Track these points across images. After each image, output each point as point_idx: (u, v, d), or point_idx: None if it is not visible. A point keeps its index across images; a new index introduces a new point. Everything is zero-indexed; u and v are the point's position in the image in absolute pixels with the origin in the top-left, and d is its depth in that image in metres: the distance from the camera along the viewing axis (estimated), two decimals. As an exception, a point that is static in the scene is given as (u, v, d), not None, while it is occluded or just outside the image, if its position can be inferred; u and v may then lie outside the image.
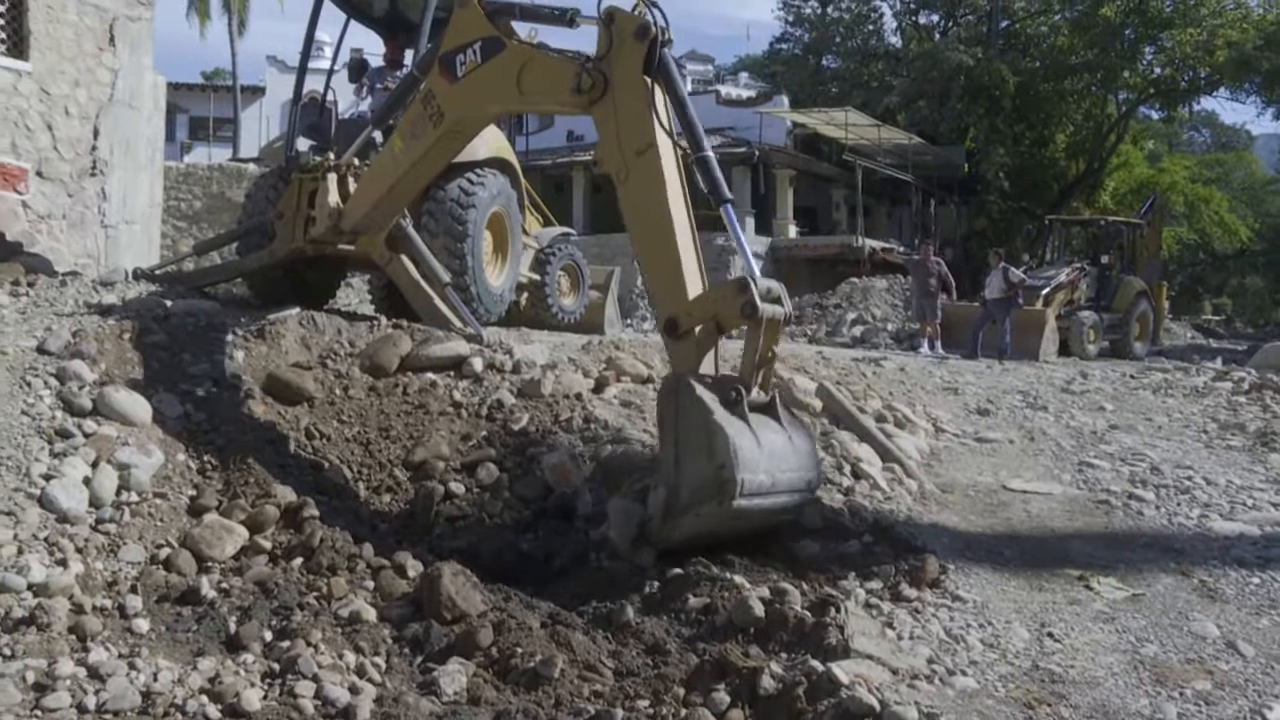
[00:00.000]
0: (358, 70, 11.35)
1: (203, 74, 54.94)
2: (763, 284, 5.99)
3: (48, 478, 5.91)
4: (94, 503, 5.96)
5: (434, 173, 8.84)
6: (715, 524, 5.82)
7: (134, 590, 5.44)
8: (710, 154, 6.39)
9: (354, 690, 4.60)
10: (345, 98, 11.45)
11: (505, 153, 11.03)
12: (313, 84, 11.18)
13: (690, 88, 48.41)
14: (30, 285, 8.94)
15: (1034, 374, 14.64)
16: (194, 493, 6.45)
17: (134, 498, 6.15)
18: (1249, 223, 47.58)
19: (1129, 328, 22.32)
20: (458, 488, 6.90)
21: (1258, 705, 4.69)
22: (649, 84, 6.46)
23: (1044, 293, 20.63)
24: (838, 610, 5.14)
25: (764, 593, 5.35)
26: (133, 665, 4.63)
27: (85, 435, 6.38)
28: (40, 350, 7.14)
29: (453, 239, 9.90)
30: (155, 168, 13.99)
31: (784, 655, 4.88)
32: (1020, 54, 37.49)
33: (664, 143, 6.45)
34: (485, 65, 7.41)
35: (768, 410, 6.10)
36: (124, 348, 7.56)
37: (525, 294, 11.83)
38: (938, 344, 18.99)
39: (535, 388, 8.05)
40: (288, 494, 6.48)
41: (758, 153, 32.20)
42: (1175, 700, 4.72)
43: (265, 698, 4.53)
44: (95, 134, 12.33)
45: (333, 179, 9.46)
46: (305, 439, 7.34)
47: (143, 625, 5.11)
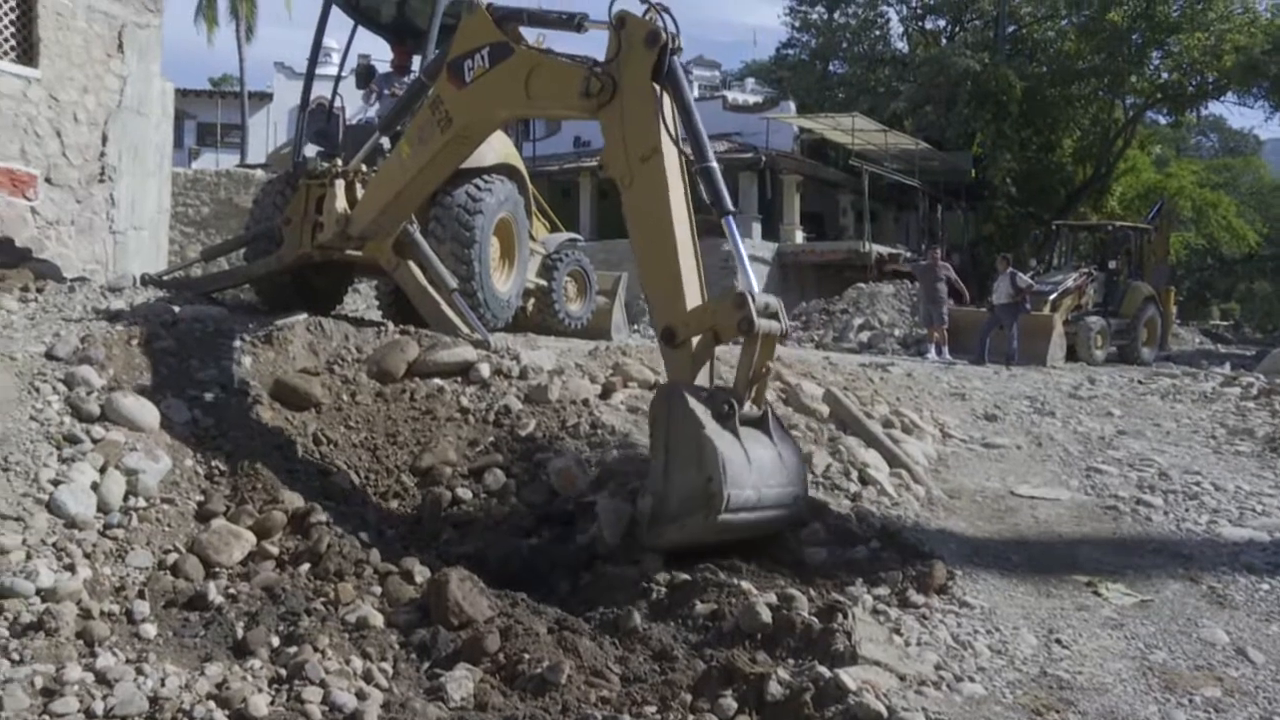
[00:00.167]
0: (365, 76, 11.38)
1: (210, 80, 55.09)
2: (760, 299, 5.99)
3: (56, 483, 5.92)
4: (102, 508, 5.97)
5: (441, 178, 8.86)
6: (700, 535, 5.84)
7: (141, 596, 5.44)
8: (714, 165, 6.38)
9: (361, 696, 4.59)
10: (353, 104, 11.48)
11: (512, 159, 11.04)
12: (320, 90, 11.20)
13: (697, 93, 48.50)
14: (39, 291, 8.97)
15: (1041, 379, 14.61)
16: (201, 498, 6.46)
17: (142, 503, 6.16)
18: (1257, 227, 47.59)
19: (1137, 333, 22.29)
20: (465, 493, 6.90)
21: (1268, 712, 4.68)
22: (657, 90, 6.46)
23: (1051, 298, 20.59)
24: (845, 616, 5.13)
25: (771, 599, 5.34)
26: (140, 670, 4.62)
27: (93, 441, 6.39)
28: (49, 356, 7.15)
29: (460, 245, 9.91)
30: (163, 174, 14.03)
31: (791, 661, 4.86)
32: (1027, 59, 37.49)
33: (669, 150, 6.44)
34: (493, 70, 7.42)
35: (759, 424, 6.13)
36: (132, 353, 7.57)
37: (532, 300, 11.84)
38: (945, 349, 18.99)
39: (542, 393, 8.05)
40: (295, 499, 6.49)
41: (764, 158, 32.14)
42: (1184, 707, 4.71)
43: (272, 703, 4.52)
44: (104, 140, 12.38)
45: (340, 185, 9.49)
46: (313, 445, 7.35)
47: (150, 630, 5.10)
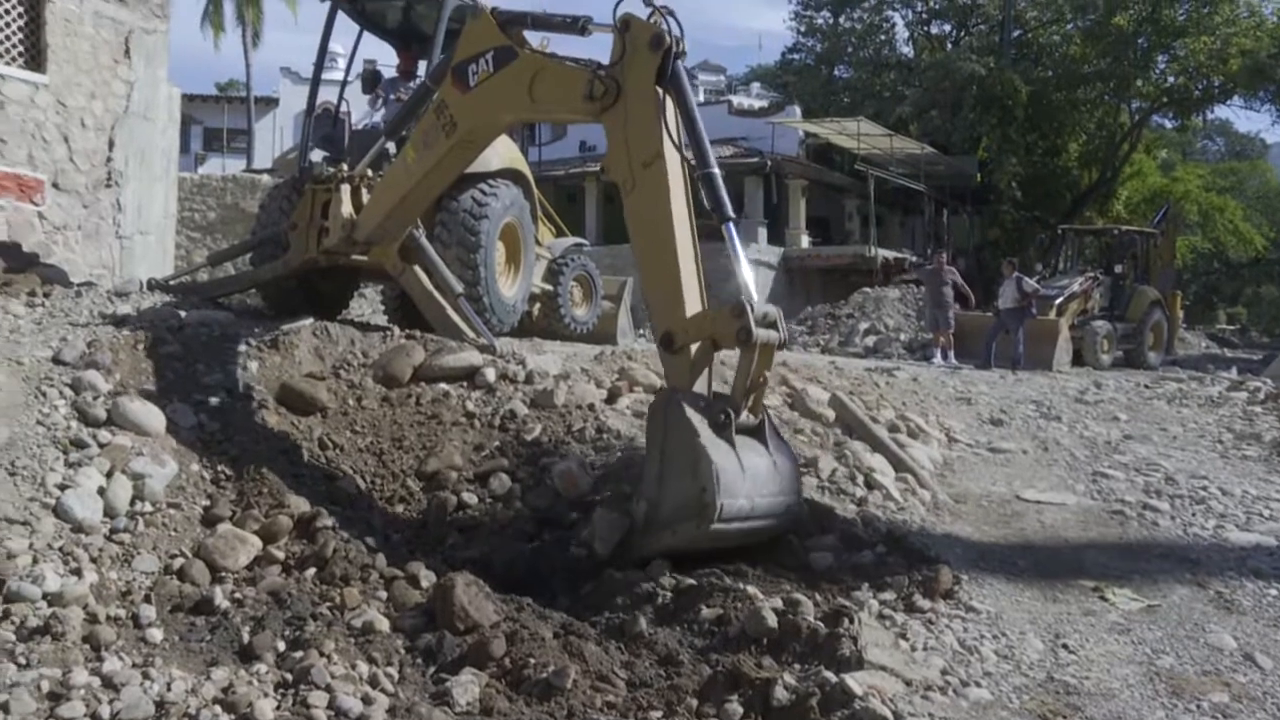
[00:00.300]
0: (371, 81, 11.40)
1: (217, 85, 55.21)
2: (759, 309, 5.99)
3: (62, 487, 5.94)
4: (108, 512, 5.98)
5: (446, 183, 8.87)
6: (692, 542, 5.85)
7: (148, 600, 5.45)
8: (716, 171, 6.37)
9: (367, 700, 4.59)
10: (359, 109, 11.49)
11: (518, 163, 11.05)
12: (326, 95, 11.23)
13: (702, 98, 48.51)
14: (46, 296, 9.00)
15: (1047, 384, 14.60)
16: (208, 503, 6.47)
17: (148, 508, 6.17)
18: (1264, 231, 47.54)
19: (1143, 337, 22.25)
20: (470, 498, 6.90)
21: (1276, 718, 4.67)
22: (660, 95, 6.46)
23: (1057, 302, 20.58)
24: (851, 621, 5.12)
25: (777, 603, 5.33)
26: (146, 675, 4.63)
27: (100, 445, 6.41)
28: (55, 360, 7.17)
29: (466, 249, 9.91)
30: (170, 179, 14.06)
31: (797, 666, 4.86)
32: (1033, 63, 37.43)
33: (671, 156, 6.43)
34: (498, 74, 7.43)
35: (756, 432, 6.14)
36: (138, 358, 7.59)
37: (538, 304, 11.84)
38: (951, 354, 18.97)
39: (548, 398, 8.05)
40: (301, 504, 6.49)
41: (770, 163, 32.21)
42: (1192, 713, 4.69)
43: (278, 708, 4.52)
44: (110, 146, 12.41)
45: (346, 190, 9.50)
46: (318, 449, 7.35)
47: (156, 635, 5.11)
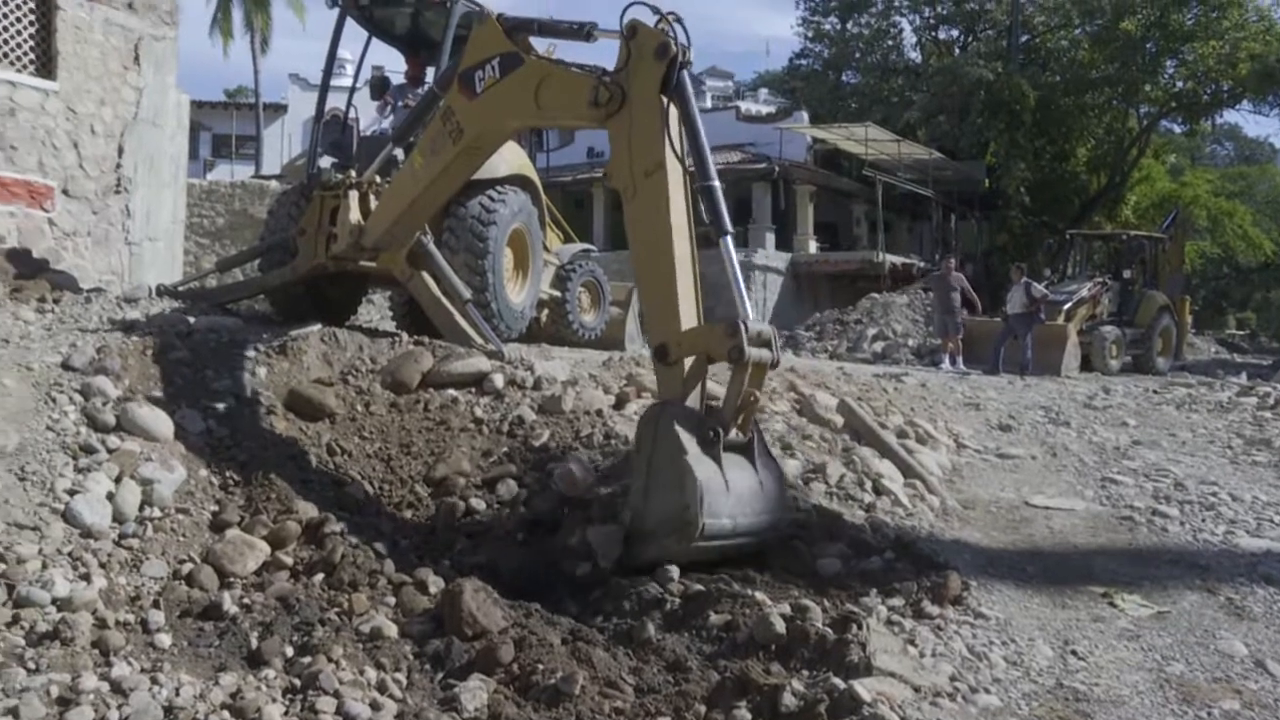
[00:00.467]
0: (380, 88, 11.42)
1: (225, 92, 55.42)
2: (754, 327, 6.00)
3: (72, 493, 5.95)
4: (117, 518, 6.00)
5: (454, 189, 8.88)
6: (673, 557, 5.88)
7: (156, 605, 5.46)
8: (716, 184, 6.38)
9: (375, 706, 4.60)
10: (367, 115, 11.52)
11: (526, 170, 11.07)
12: (335, 101, 11.25)
13: (710, 104, 48.55)
14: (56, 302, 9.02)
15: (1056, 389, 14.58)
16: (216, 508, 6.48)
17: (157, 513, 6.18)
18: (1273, 236, 47.31)
19: (1152, 343, 22.20)
20: (478, 504, 6.89)
21: (1288, 725, 4.65)
22: (664, 103, 6.47)
23: (1066, 308, 20.55)
24: (859, 627, 5.11)
25: (785, 609, 5.33)
26: (155, 680, 4.63)
27: (109, 451, 6.42)
28: (65, 366, 7.19)
29: (474, 256, 9.93)
30: (178, 185, 14.09)
31: (806, 673, 4.85)
32: (1040, 68, 37.39)
33: (673, 167, 6.44)
34: (504, 81, 7.45)
35: (744, 450, 6.15)
36: (147, 364, 7.61)
37: (546, 310, 11.85)
38: (959, 359, 18.96)
39: (556, 404, 8.05)
40: (309, 510, 6.50)
41: (778, 169, 32.21)
42: None
43: (286, 713, 4.53)
44: (120, 152, 12.44)
45: (354, 196, 9.52)
46: (327, 455, 7.36)
47: (165, 640, 5.12)
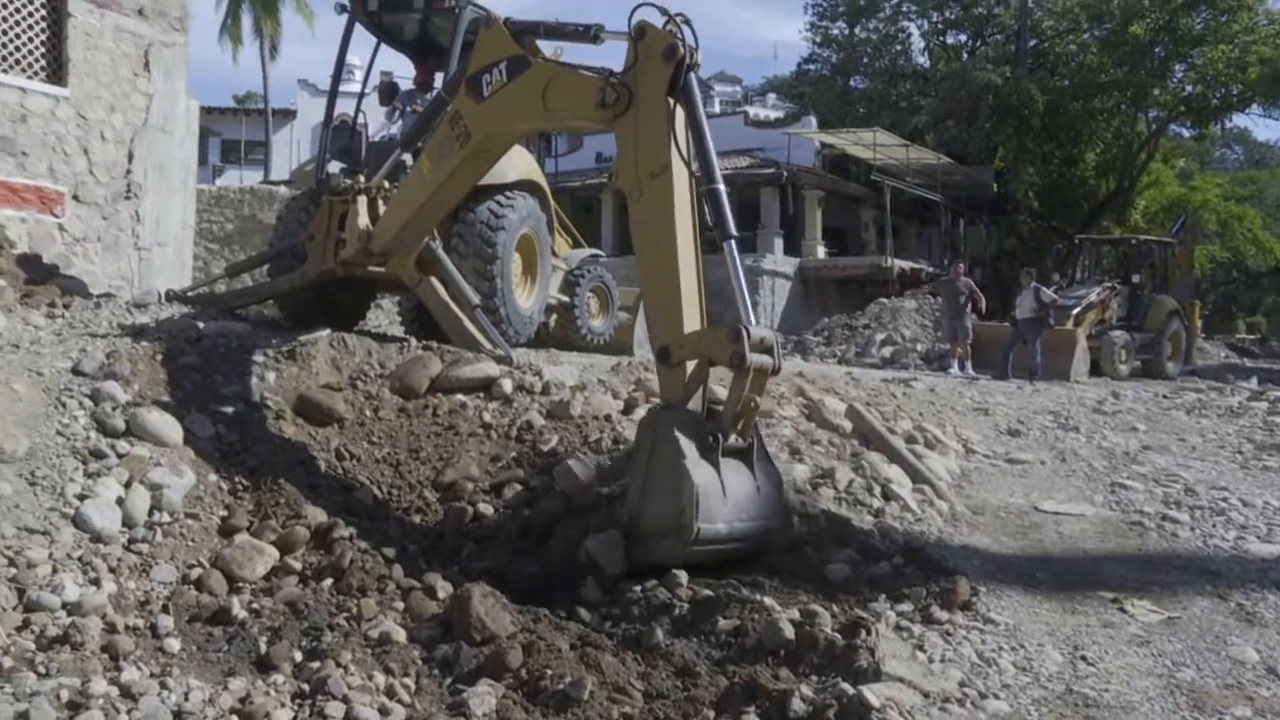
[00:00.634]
0: (388, 93, 11.44)
1: (235, 97, 55.63)
2: (756, 333, 6.00)
3: (82, 497, 5.97)
4: (127, 523, 6.02)
5: (462, 193, 8.89)
6: (667, 559, 5.90)
7: (166, 610, 5.47)
8: (721, 187, 6.38)
9: (384, 711, 4.60)
10: (376, 121, 11.54)
11: (534, 175, 11.08)
12: (343, 107, 11.28)
13: (719, 109, 48.47)
14: (66, 307, 9.05)
15: (1065, 394, 14.53)
16: (225, 513, 6.49)
17: (166, 518, 6.20)
18: (1283, 240, 47.10)
19: (1161, 347, 22.11)
20: (486, 509, 6.90)
21: (1298, 731, 4.63)
22: (671, 105, 6.47)
23: (1075, 312, 20.48)
24: (868, 632, 5.10)
25: (794, 615, 5.32)
26: (164, 685, 4.64)
27: (118, 456, 6.44)
28: (75, 371, 7.22)
29: (482, 261, 9.94)
30: (188, 191, 14.13)
31: (814, 678, 4.84)
32: (1049, 73, 37.36)
33: (679, 169, 6.45)
34: (511, 84, 7.47)
35: (743, 455, 6.15)
36: (157, 369, 7.63)
37: (554, 315, 11.86)
38: (968, 364, 18.92)
39: (564, 409, 8.06)
40: (318, 515, 6.51)
41: (786, 174, 32.22)
42: (1213, 726, 4.66)
43: (295, 718, 4.54)
44: (130, 158, 12.48)
45: (363, 201, 9.53)
46: (335, 460, 7.38)
47: (174, 645, 5.13)
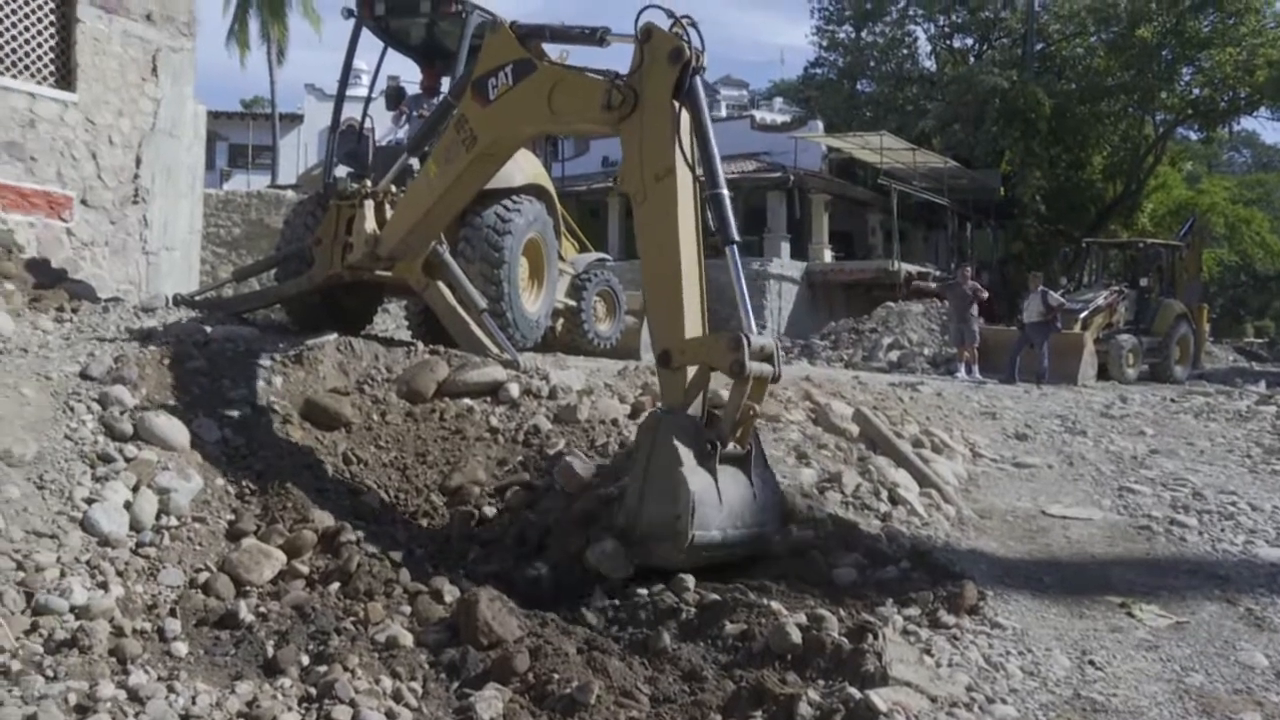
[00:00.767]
0: (395, 98, 11.47)
1: (242, 102, 55.67)
2: (756, 341, 6.00)
3: (89, 501, 5.99)
4: (134, 526, 6.04)
5: (468, 197, 8.90)
6: (661, 563, 5.94)
7: (173, 614, 5.49)
8: (724, 192, 6.38)
9: (390, 715, 4.60)
10: (383, 125, 11.57)
11: (541, 179, 11.09)
12: (351, 111, 11.30)
13: (725, 113, 48.43)
14: (74, 311, 9.08)
15: (1073, 398, 14.50)
16: (232, 517, 6.51)
17: (173, 522, 6.21)
18: (1291, 243, 46.99)
19: (1169, 351, 22.06)
20: (492, 512, 6.90)
21: (1308, 737, 4.61)
22: (676, 108, 6.48)
23: (1082, 316, 20.43)
24: (875, 637, 5.09)
25: (801, 619, 5.31)
26: (171, 688, 4.65)
27: (126, 460, 6.45)
28: (83, 375, 7.24)
29: (489, 265, 9.95)
30: (195, 195, 14.18)
31: (821, 682, 4.83)
32: (1056, 76, 37.28)
33: (683, 173, 6.45)
34: (517, 87, 7.48)
35: (741, 462, 6.17)
36: (164, 373, 7.64)
37: (561, 320, 11.86)
38: (975, 368, 18.87)
39: (571, 413, 8.06)
40: (325, 519, 6.52)
41: (793, 177, 32.19)
42: (1222, 731, 4.64)
43: (302, 722, 4.55)
44: (138, 162, 12.53)
45: (370, 205, 9.55)
46: (343, 464, 7.39)
47: (181, 648, 5.14)
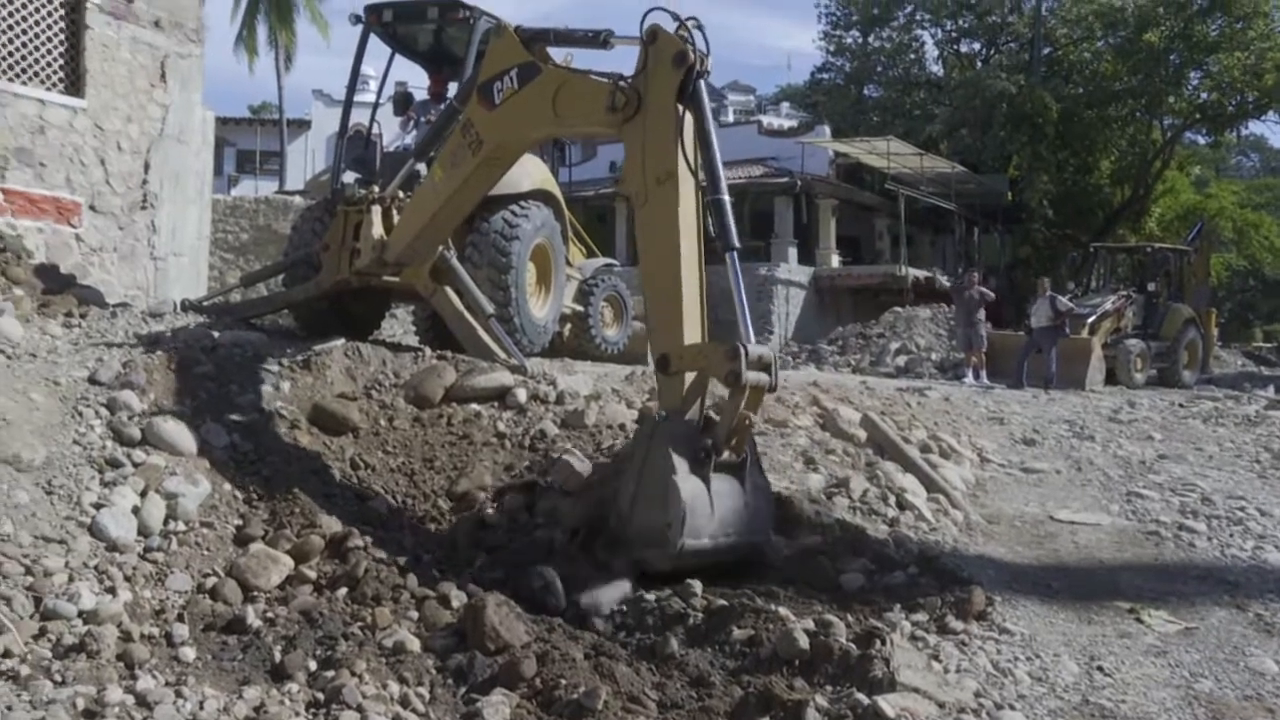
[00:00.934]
0: (403, 103, 11.49)
1: (250, 108, 55.88)
2: (754, 351, 6.00)
3: (98, 506, 6.00)
4: (142, 531, 6.04)
5: (474, 202, 8.90)
6: (650, 567, 5.96)
7: (181, 619, 5.48)
8: (726, 198, 6.39)
9: (398, 720, 4.61)
10: (390, 131, 11.58)
11: (549, 184, 11.09)
12: (358, 117, 11.32)
13: (732, 118, 48.45)
14: (82, 317, 9.09)
15: (1081, 403, 14.47)
16: (240, 522, 6.51)
17: (181, 527, 6.21)
18: (1300, 248, 46.82)
19: (1177, 356, 22.00)
20: (499, 518, 6.89)
21: (1318, 743, 4.59)
22: (679, 111, 6.48)
23: (1090, 321, 20.41)
24: (883, 642, 5.08)
25: (809, 624, 5.31)
26: (179, 693, 4.65)
27: (134, 465, 6.47)
28: (91, 381, 7.25)
29: (497, 270, 9.95)
30: (203, 201, 14.21)
31: (829, 688, 4.82)
32: (1063, 81, 37.23)
33: (685, 177, 6.46)
34: (522, 91, 7.49)
35: (736, 470, 6.17)
36: (172, 378, 7.65)
37: (569, 325, 11.86)
38: (983, 373, 18.83)
39: (579, 418, 8.06)
40: (333, 524, 6.51)
41: (800, 183, 32.18)
42: (1231, 737, 4.62)
43: (309, 727, 4.55)
44: (146, 168, 12.56)
45: (377, 211, 9.55)
46: (350, 469, 7.39)
47: (189, 654, 5.14)
